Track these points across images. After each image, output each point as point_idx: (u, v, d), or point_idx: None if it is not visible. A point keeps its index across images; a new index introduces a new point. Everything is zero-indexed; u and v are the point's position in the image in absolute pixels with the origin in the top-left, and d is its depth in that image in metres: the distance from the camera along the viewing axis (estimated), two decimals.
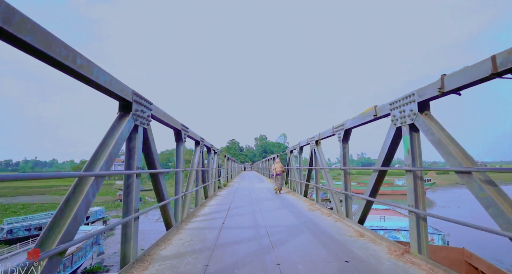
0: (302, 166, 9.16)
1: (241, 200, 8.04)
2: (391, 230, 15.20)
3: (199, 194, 6.87)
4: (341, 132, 5.06)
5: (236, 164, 28.40)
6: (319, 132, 6.56)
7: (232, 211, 6.08)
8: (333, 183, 6.02)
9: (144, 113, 3.04)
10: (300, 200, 7.84)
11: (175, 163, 4.85)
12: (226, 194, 9.99)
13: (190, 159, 9.49)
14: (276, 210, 6.23)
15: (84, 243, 16.66)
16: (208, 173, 8.77)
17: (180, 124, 4.75)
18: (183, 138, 4.89)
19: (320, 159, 6.52)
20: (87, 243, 17.34)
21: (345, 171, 5.01)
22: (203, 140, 7.06)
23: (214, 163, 10.48)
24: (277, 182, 10.85)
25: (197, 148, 6.73)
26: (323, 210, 6.10)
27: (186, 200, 5.51)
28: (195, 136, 6.14)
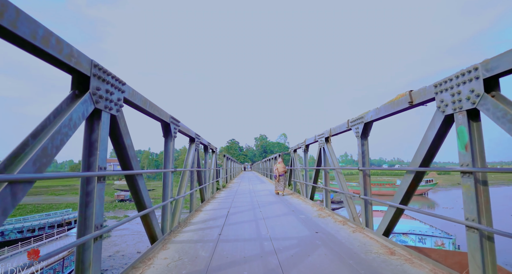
0: (308, 166, 8.39)
1: (241, 204, 7.27)
2: (398, 233, 14.44)
3: (194, 197, 6.10)
4: (359, 126, 4.29)
5: (236, 164, 27.62)
6: (329, 128, 5.79)
7: (231, 218, 5.30)
8: (346, 184, 5.25)
9: (111, 95, 2.26)
10: (307, 204, 7.07)
11: (163, 162, 4.07)
12: (225, 196, 9.21)
13: None
14: (281, 216, 5.46)
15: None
16: (205, 174, 7.99)
17: (169, 116, 3.98)
18: (173, 133, 4.12)
19: (331, 158, 5.75)
20: None
21: (364, 172, 4.24)
22: (198, 137, 6.29)
23: (212, 162, 9.71)
24: (280, 183, 10.13)
25: (192, 146, 5.95)
26: (335, 216, 5.33)
27: (178, 206, 4.73)
28: (188, 132, 5.37)
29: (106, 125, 2.19)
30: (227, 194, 9.87)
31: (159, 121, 3.92)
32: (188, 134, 5.40)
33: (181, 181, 5.11)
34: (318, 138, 6.57)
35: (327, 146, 6.06)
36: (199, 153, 6.56)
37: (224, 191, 11.12)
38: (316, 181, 7.27)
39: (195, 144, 6.02)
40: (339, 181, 5.32)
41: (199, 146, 6.49)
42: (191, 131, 5.59)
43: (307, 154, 8.38)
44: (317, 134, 6.70)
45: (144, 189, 3.01)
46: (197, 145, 6.18)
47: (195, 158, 6.12)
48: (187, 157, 5.69)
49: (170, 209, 4.09)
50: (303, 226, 4.53)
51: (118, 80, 2.36)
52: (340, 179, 5.34)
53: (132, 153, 2.67)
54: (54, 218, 25.09)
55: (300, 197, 8.73)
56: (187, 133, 5.28)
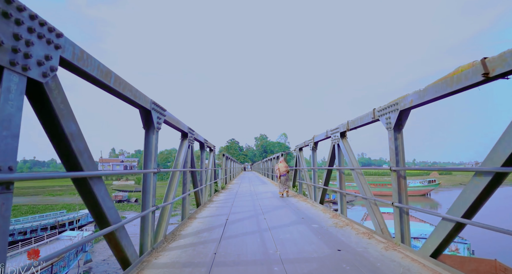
0: (316, 166, 7.50)
1: (242, 209, 6.38)
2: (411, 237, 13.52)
3: (187, 202, 5.21)
4: (391, 115, 3.40)
5: (236, 164, 26.74)
6: (347, 121, 4.89)
7: (230, 228, 4.42)
8: (368, 188, 4.36)
9: (28, 47, 1.37)
10: (317, 210, 6.17)
11: (143, 161, 3.18)
12: (224, 199, 8.32)
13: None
14: (290, 226, 4.56)
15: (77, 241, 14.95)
16: (201, 175, 7.11)
17: (149, 102, 3.08)
18: (155, 123, 3.23)
19: (349, 157, 4.86)
20: (70, 251, 15.65)
21: (398, 173, 3.35)
22: (192, 132, 5.40)
23: (209, 162, 8.82)
24: (282, 184, 9.28)
25: (184, 142, 5.06)
26: (355, 226, 4.44)
27: (164, 215, 3.85)
28: (179, 124, 4.48)
29: (17, 97, 1.29)
30: (226, 197, 8.97)
31: (137, 108, 3.03)
32: (178, 127, 4.50)
33: (169, 185, 4.22)
34: (331, 133, 5.68)
35: (343, 142, 5.17)
36: (193, 151, 5.68)
37: (223, 193, 10.23)
38: (328, 183, 6.39)
39: (188, 140, 5.13)
40: (360, 184, 4.43)
41: (194, 142, 5.59)
42: (182, 125, 4.70)
43: (316, 152, 7.49)
44: (330, 129, 5.81)
45: (105, 196, 2.12)
46: (190, 141, 5.29)
47: (188, 157, 5.23)
48: (178, 155, 4.79)
49: (153, 220, 3.20)
50: (319, 241, 3.63)
51: (46, 25, 1.46)
52: (361, 181, 4.45)
53: (79, 145, 1.78)
54: (47, 219, 24.16)
55: (307, 200, 7.84)
56: (177, 126, 4.39)
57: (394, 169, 3.35)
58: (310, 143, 7.48)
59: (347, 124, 4.87)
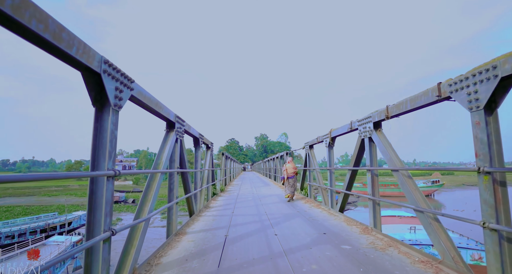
0: (333, 166, 6.28)
1: (245, 219, 5.17)
2: (427, 245, 12.31)
3: (174, 213, 3.98)
4: (481, 88, 2.19)
5: (236, 164, 25.53)
6: (385, 106, 3.68)
7: (231, 251, 3.21)
8: (423, 196, 3.15)
9: None
10: (338, 220, 4.96)
11: (91, 159, 1.97)
12: (223, 205, 7.10)
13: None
14: (313, 247, 3.35)
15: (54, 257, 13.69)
16: (195, 177, 5.90)
17: (99, 59, 1.87)
18: (112, 98, 2.02)
19: (389, 154, 3.65)
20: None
21: (495, 178, 2.15)
22: (181, 122, 4.20)
23: (206, 161, 7.61)
24: (289, 186, 8.11)
25: (170, 135, 3.84)
26: (402, 247, 3.23)
27: (134, 239, 2.63)
28: (160, 108, 3.25)
29: None
30: (225, 202, 7.76)
31: (78, 70, 1.82)
32: (159, 113, 3.28)
33: (145, 192, 3.00)
34: (358, 124, 4.47)
35: (378, 135, 3.96)
36: (183, 147, 4.46)
37: (222, 197, 9.01)
38: (351, 187, 5.18)
39: (176, 132, 3.92)
40: (409, 190, 3.22)
41: (183, 136, 4.38)
42: (166, 110, 3.48)
43: (333, 150, 6.27)
44: (355, 120, 4.61)
45: None
46: (179, 134, 4.08)
47: (176, 154, 4.01)
48: (160, 151, 3.57)
49: (105, 252, 1.98)
50: None
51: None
52: (410, 187, 3.24)
53: None
54: (37, 222, 22.91)
55: (321, 206, 6.63)
56: (157, 110, 3.16)
57: (489, 170, 2.13)
58: (326, 138, 6.27)
59: (385, 111, 3.65)
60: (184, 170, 4.55)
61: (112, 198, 2.02)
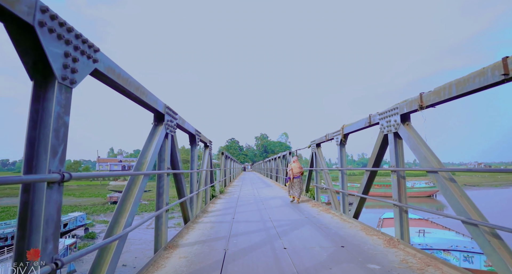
0: (345, 166, 5.63)
1: (248, 227, 4.53)
2: (438, 249, 11.65)
3: (163, 224, 3.33)
4: None
5: (236, 164, 24.90)
6: (419, 94, 3.04)
7: (232, 272, 2.57)
8: (471, 203, 2.51)
9: None
10: (353, 228, 4.31)
11: (24, 157, 1.34)
12: (222, 210, 6.46)
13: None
14: (333, 266, 2.70)
15: None
16: (191, 179, 5.26)
17: (31, 3, 1.24)
18: (57, 70, 1.38)
19: (424, 152, 3.01)
20: None
21: None
22: (173, 114, 3.55)
23: (204, 161, 6.97)
24: (295, 187, 7.54)
25: (158, 129, 3.20)
26: (445, 267, 2.59)
27: (103, 266, 1.99)
28: (142, 94, 2.59)
29: None
30: (225, 205, 7.11)
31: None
32: (140, 99, 2.61)
33: (122, 199, 2.36)
34: (380, 117, 3.83)
35: (407, 129, 3.32)
36: (175, 144, 3.82)
37: (222, 199, 8.36)
38: (368, 189, 4.54)
39: (166, 125, 3.28)
40: (454, 196, 2.58)
41: (175, 131, 3.74)
42: (151, 98, 2.83)
43: (344, 148, 5.63)
44: (377, 112, 3.97)
45: None
46: (170, 128, 3.44)
47: (166, 151, 3.37)
48: (145, 147, 2.92)
49: None
50: None
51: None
52: (455, 192, 2.60)
53: None
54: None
55: (330, 211, 5.99)
56: (138, 96, 2.49)
57: None
58: (337, 135, 5.62)
59: (418, 99, 3.00)
60: (177, 171, 3.90)
61: (58, 214, 1.38)
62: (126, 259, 19.74)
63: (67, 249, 15.67)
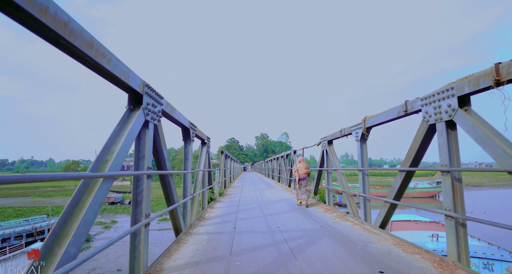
0: (367, 166, 4.77)
1: (253, 241, 3.67)
2: None
3: (141, 242, 2.48)
4: None
5: (237, 164, 24.05)
6: (494, 65, 2.20)
7: None
8: None
9: None
10: (386, 242, 3.46)
11: None
12: (221, 217, 5.59)
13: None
14: None
15: None
16: (184, 181, 4.41)
17: None
18: None
19: (503, 146, 2.17)
20: None
21: None
22: (157, 98, 2.70)
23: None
24: (302, 190, 6.77)
25: (134, 115, 2.34)
26: None
27: None
28: (99, 56, 1.74)
29: None
30: (225, 210, 6.25)
31: None
32: (99, 65, 1.77)
33: (65, 215, 1.52)
34: (423, 103, 2.98)
35: (469, 117, 2.48)
36: (160, 136, 2.97)
37: (221, 203, 7.50)
38: (401, 194, 3.69)
39: (145, 110, 2.44)
40: None
41: (160, 120, 2.89)
42: (120, 68, 1.98)
43: (366, 144, 4.77)
44: (418, 97, 3.12)
45: None
46: (150, 114, 2.59)
47: (146, 145, 2.52)
48: (112, 138, 2.07)
49: None
50: None
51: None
52: None
53: None
54: (23, 226, 21.37)
55: (347, 218, 5.15)
56: (94, 58, 1.66)
57: None
58: (357, 129, 4.77)
59: (493, 72, 2.16)
60: (163, 171, 3.05)
61: None
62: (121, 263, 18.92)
63: None
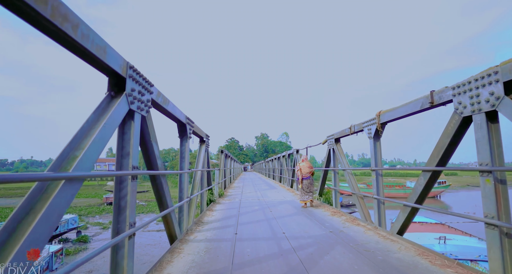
0: (381, 166, 4.36)
1: (257, 251, 3.25)
2: (464, 260, 10.37)
3: (124, 258, 2.07)
4: None
5: (237, 164, 23.62)
6: None
7: None
8: None
9: None
10: (408, 252, 3.04)
11: None
12: (221, 221, 5.16)
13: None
14: None
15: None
16: (180, 182, 3.99)
17: None
18: None
19: None
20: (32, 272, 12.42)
21: None
22: (145, 84, 2.29)
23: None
24: (305, 190, 6.37)
25: (115, 101, 1.93)
26: None
27: None
28: (61, 19, 1.32)
29: None
30: (225, 213, 5.83)
31: None
32: (66, 38, 1.35)
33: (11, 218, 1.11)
34: (455, 92, 2.56)
35: None
36: (150, 130, 2.55)
37: (221, 205, 7.08)
38: (426, 197, 3.27)
39: (128, 96, 2.02)
40: None
41: (149, 110, 2.47)
42: (93, 40, 1.56)
43: (379, 141, 4.36)
44: (448, 86, 2.71)
45: None
46: (136, 102, 2.17)
47: (131, 140, 2.10)
48: (83, 130, 1.66)
49: None
50: None
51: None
52: None
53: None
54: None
55: (359, 222, 4.73)
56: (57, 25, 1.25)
57: None
58: (369, 125, 4.35)
59: None
60: (155, 171, 2.63)
61: None
62: None
63: (52, 257, 14.34)
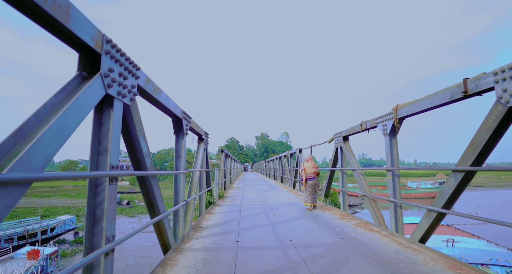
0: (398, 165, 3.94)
1: (263, 264, 2.82)
2: (474, 263, 9.96)
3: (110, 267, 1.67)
4: None
5: (237, 164, 23.21)
6: None
7: None
8: None
9: None
10: (435, 264, 2.63)
11: None
12: (221, 226, 4.74)
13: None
14: None
15: None
16: (176, 184, 3.58)
17: None
18: None
19: None
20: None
21: None
22: (128, 66, 1.89)
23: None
24: (310, 191, 5.98)
25: (86, 84, 1.52)
26: None
27: None
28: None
29: None
30: (225, 217, 5.42)
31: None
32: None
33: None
34: (501, 77, 2.17)
35: None
36: (137, 123, 2.15)
37: (221, 207, 6.67)
38: (453, 202, 2.87)
39: (105, 77, 1.62)
40: None
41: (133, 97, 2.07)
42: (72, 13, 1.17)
43: (396, 138, 3.94)
44: (486, 72, 2.31)
45: None
46: (115, 85, 1.77)
47: (109, 134, 1.69)
48: (41, 114, 1.26)
49: None
50: None
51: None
52: None
53: None
54: (15, 228, 20.47)
55: (371, 226, 4.32)
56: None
57: None
58: (385, 120, 3.94)
59: None
60: (143, 172, 2.22)
61: None
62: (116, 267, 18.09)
63: (47, 259, 13.93)
